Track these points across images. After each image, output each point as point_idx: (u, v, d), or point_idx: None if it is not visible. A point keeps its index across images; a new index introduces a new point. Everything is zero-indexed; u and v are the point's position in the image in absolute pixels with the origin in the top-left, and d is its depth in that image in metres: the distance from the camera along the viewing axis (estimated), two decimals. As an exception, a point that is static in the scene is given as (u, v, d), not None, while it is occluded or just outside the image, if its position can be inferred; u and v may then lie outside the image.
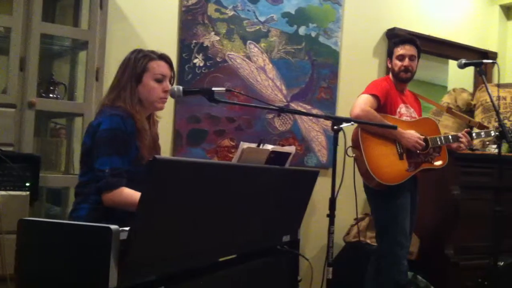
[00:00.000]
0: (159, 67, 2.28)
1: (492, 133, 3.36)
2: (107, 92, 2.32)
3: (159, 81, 2.27)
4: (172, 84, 2.34)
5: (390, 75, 3.45)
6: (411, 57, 3.37)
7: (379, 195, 3.30)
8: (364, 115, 3.14)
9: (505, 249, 3.71)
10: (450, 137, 3.37)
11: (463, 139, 3.34)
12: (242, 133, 3.68)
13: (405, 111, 3.39)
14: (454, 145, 3.38)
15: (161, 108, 2.34)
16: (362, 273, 3.66)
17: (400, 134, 3.22)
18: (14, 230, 1.61)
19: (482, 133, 3.37)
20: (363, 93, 3.32)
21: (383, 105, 3.29)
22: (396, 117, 3.33)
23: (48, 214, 3.04)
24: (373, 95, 3.25)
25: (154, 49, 2.33)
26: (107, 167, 2.06)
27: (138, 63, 2.24)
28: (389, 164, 3.22)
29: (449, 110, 3.95)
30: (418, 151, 3.26)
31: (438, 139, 3.34)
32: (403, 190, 3.26)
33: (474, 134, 3.37)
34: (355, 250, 3.78)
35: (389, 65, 3.46)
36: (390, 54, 3.46)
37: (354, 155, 3.23)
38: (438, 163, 3.35)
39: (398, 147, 3.25)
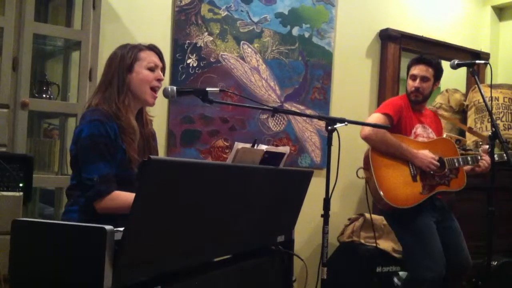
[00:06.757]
0: (150, 56, 2.23)
1: None
2: (94, 91, 2.27)
3: (151, 69, 2.22)
4: (163, 76, 2.30)
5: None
6: (423, 78, 3.23)
7: (398, 220, 3.19)
8: (374, 135, 3.07)
9: (498, 249, 3.73)
10: (469, 158, 3.20)
11: (483, 162, 3.18)
12: (236, 133, 3.68)
13: (421, 131, 3.28)
14: (470, 167, 3.21)
15: (151, 103, 2.26)
16: (356, 273, 3.67)
17: (412, 154, 3.10)
18: (7, 230, 1.61)
19: (504, 156, 2.93)
20: (375, 111, 3.26)
21: (397, 124, 3.18)
22: (411, 137, 3.22)
23: (41, 214, 3.03)
24: (385, 114, 3.15)
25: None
26: (95, 175, 2.02)
27: (127, 54, 2.19)
28: (401, 186, 3.09)
29: (470, 129, 3.95)
30: (433, 173, 3.12)
31: (455, 160, 3.18)
32: (421, 212, 3.10)
33: (496, 156, 2.96)
34: (349, 250, 3.79)
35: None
36: (407, 73, 3.33)
37: (365, 176, 3.14)
38: (455, 185, 3.19)
39: (411, 168, 3.13)
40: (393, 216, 3.22)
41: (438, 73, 3.29)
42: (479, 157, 3.22)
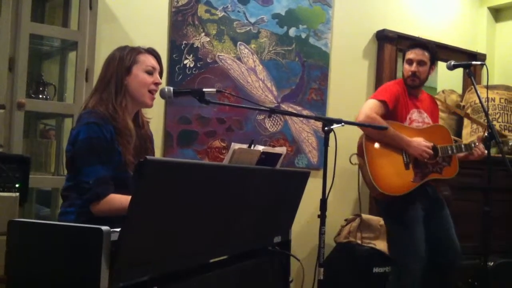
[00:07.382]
0: (149, 59, 2.24)
1: (511, 143, 3.18)
2: (90, 92, 2.27)
3: (149, 73, 2.23)
4: (161, 79, 2.30)
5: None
6: (420, 62, 3.22)
7: (389, 207, 3.19)
8: (369, 122, 3.05)
9: (494, 250, 3.74)
10: (462, 146, 3.21)
11: (477, 150, 3.19)
12: (233, 134, 3.68)
13: (417, 117, 3.26)
14: (463, 154, 3.22)
15: (150, 105, 2.27)
16: (353, 274, 3.67)
17: (406, 142, 3.09)
18: (3, 231, 1.60)
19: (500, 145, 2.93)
20: (371, 97, 3.25)
21: (393, 110, 3.17)
22: (406, 123, 3.20)
23: (38, 215, 3.03)
24: (381, 100, 3.14)
25: (144, 50, 2.31)
26: (92, 177, 2.03)
27: (126, 57, 2.19)
28: (394, 174, 3.08)
29: (466, 115, 3.95)
30: (426, 161, 3.11)
31: (448, 148, 3.17)
32: (413, 201, 3.11)
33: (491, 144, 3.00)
34: (346, 250, 3.79)
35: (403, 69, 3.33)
36: (403, 58, 3.33)
37: (358, 163, 3.14)
38: (447, 173, 3.19)
39: (404, 156, 3.11)
40: (385, 204, 3.21)
41: (434, 56, 3.30)
42: (473, 145, 3.21)
